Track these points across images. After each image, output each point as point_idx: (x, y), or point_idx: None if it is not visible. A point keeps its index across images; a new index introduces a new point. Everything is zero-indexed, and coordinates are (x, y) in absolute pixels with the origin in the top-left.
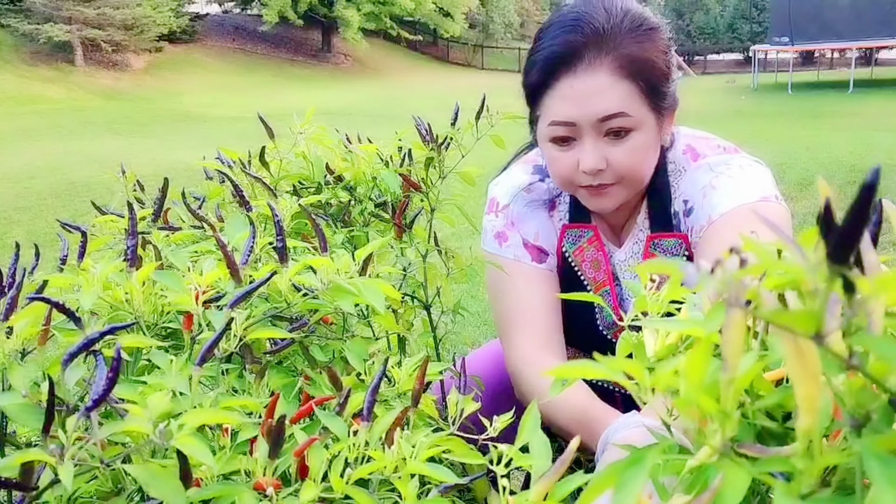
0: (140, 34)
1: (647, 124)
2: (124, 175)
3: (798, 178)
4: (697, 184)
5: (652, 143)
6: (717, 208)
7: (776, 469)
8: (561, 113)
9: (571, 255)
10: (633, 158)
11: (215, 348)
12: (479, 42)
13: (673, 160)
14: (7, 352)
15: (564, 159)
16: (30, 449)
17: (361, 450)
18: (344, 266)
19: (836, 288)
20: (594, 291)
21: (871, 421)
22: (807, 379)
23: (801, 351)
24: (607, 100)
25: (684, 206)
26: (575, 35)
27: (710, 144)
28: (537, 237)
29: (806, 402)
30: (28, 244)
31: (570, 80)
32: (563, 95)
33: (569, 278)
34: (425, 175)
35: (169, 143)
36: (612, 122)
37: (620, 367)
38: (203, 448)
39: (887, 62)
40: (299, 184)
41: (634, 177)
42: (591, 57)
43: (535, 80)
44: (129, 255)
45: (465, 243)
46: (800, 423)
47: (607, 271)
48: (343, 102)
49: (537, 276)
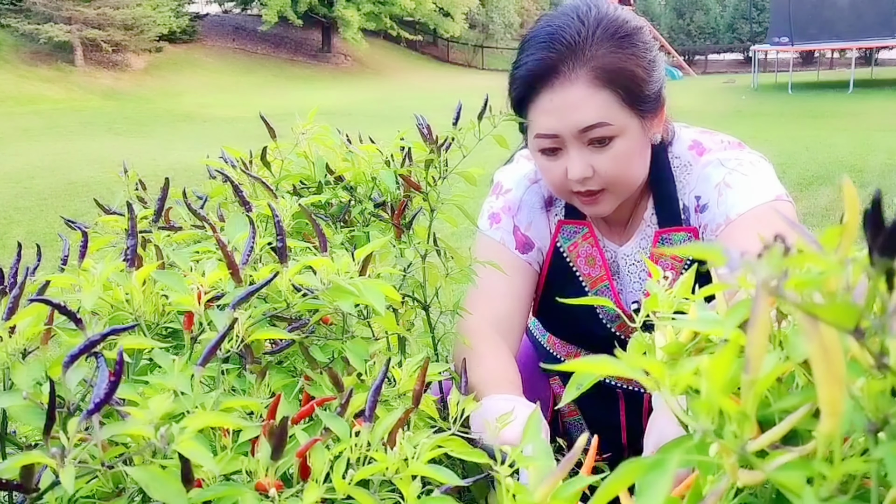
0: (140, 34)
1: (630, 129)
2: (126, 174)
3: (798, 178)
4: (710, 180)
5: (637, 147)
6: (735, 208)
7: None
8: (544, 126)
9: (566, 250)
10: (618, 164)
11: (218, 348)
12: (479, 42)
13: (678, 155)
14: (10, 351)
15: (554, 169)
16: (31, 451)
17: (363, 450)
18: (344, 266)
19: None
20: (590, 287)
21: (889, 425)
22: (831, 381)
23: (827, 352)
24: (586, 111)
25: (696, 201)
26: (549, 52)
27: (715, 139)
28: (528, 228)
29: (829, 406)
30: (28, 244)
31: (549, 94)
32: (544, 109)
33: (563, 273)
34: (426, 175)
35: (169, 143)
36: (593, 132)
37: (640, 365)
38: (205, 451)
39: (887, 62)
40: (300, 183)
41: (622, 181)
42: (566, 71)
43: (517, 95)
44: (130, 256)
45: (465, 243)
46: (821, 427)
47: (604, 266)
48: (343, 102)
49: (514, 264)
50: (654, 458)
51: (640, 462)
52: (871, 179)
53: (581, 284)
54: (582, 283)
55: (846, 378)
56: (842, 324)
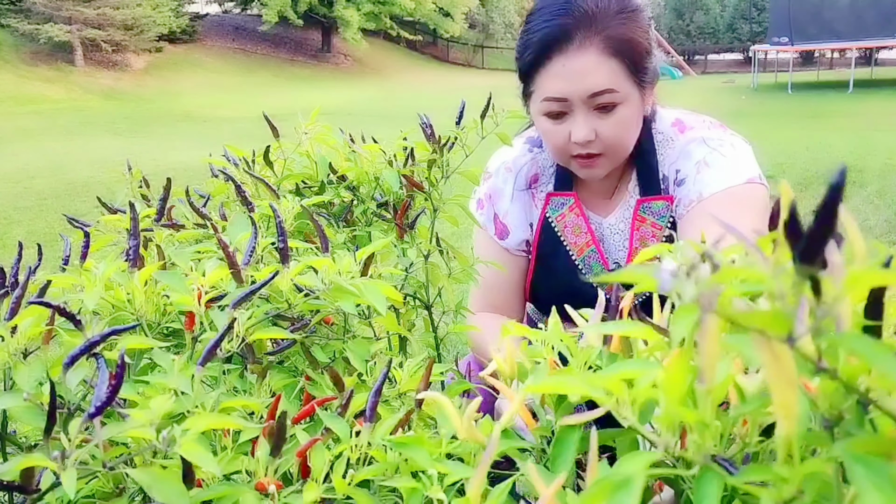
0: (140, 34)
1: (632, 98)
2: (130, 172)
3: (798, 178)
4: (692, 157)
5: (636, 116)
6: (709, 187)
7: (757, 478)
8: (554, 89)
9: (554, 220)
10: (620, 129)
11: (218, 348)
12: (479, 42)
13: (661, 131)
14: (11, 351)
15: (557, 132)
16: (32, 453)
17: (364, 451)
18: (345, 266)
19: (805, 290)
20: (577, 255)
21: (844, 421)
22: (784, 385)
23: (777, 356)
24: (597, 77)
25: (675, 174)
26: (566, 18)
27: (697, 119)
28: (505, 215)
29: (784, 409)
30: (28, 244)
31: (562, 59)
32: (556, 74)
33: (551, 242)
34: (428, 174)
35: (169, 143)
36: (602, 97)
37: (600, 383)
38: (206, 453)
39: (887, 62)
40: (302, 183)
41: (620, 146)
42: (581, 38)
43: (530, 59)
44: (131, 256)
45: (466, 243)
46: (778, 430)
47: (589, 232)
48: (343, 102)
49: (492, 247)
50: (621, 478)
51: (608, 480)
52: (871, 179)
53: (568, 254)
54: (569, 252)
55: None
56: (775, 331)
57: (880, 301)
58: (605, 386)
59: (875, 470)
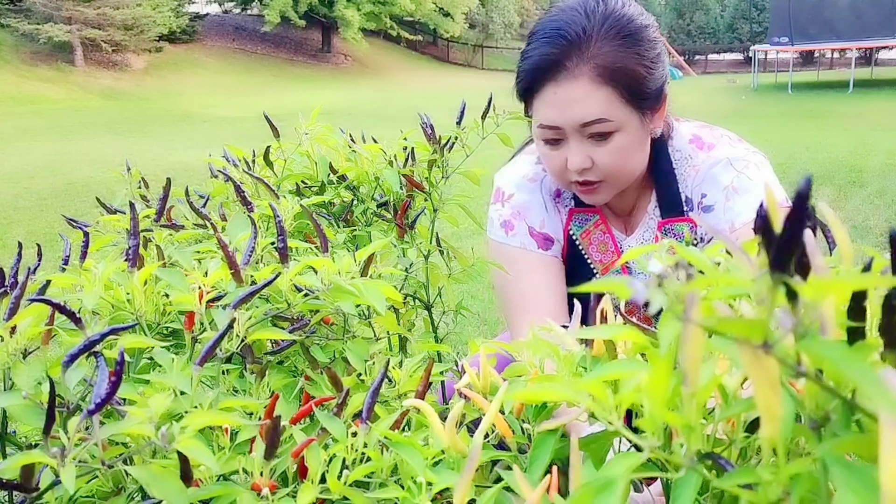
0: (140, 34)
1: (630, 124)
2: (129, 172)
3: (798, 178)
4: (718, 182)
5: (636, 141)
6: (741, 216)
7: (743, 480)
8: (546, 118)
9: (578, 237)
10: (617, 158)
11: (217, 348)
12: (479, 42)
13: (679, 149)
14: (11, 351)
15: (555, 158)
16: (31, 451)
17: (360, 451)
18: (345, 267)
19: (779, 296)
20: (601, 273)
21: (830, 422)
22: (766, 388)
23: (758, 360)
24: (587, 106)
25: (701, 198)
26: (553, 47)
27: (714, 134)
28: (543, 225)
29: (767, 412)
30: (28, 244)
31: (553, 87)
32: (548, 102)
33: (574, 259)
34: (428, 175)
35: (169, 143)
36: (593, 127)
37: (584, 388)
38: (204, 450)
39: (887, 62)
40: (302, 183)
41: (620, 172)
42: (571, 66)
43: (523, 87)
44: (131, 256)
45: (466, 243)
46: (762, 432)
47: (616, 251)
48: (343, 102)
49: (543, 263)
50: (604, 480)
51: (591, 485)
52: (871, 179)
53: (591, 270)
54: (592, 269)
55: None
56: (751, 338)
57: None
58: (588, 390)
59: (852, 471)
